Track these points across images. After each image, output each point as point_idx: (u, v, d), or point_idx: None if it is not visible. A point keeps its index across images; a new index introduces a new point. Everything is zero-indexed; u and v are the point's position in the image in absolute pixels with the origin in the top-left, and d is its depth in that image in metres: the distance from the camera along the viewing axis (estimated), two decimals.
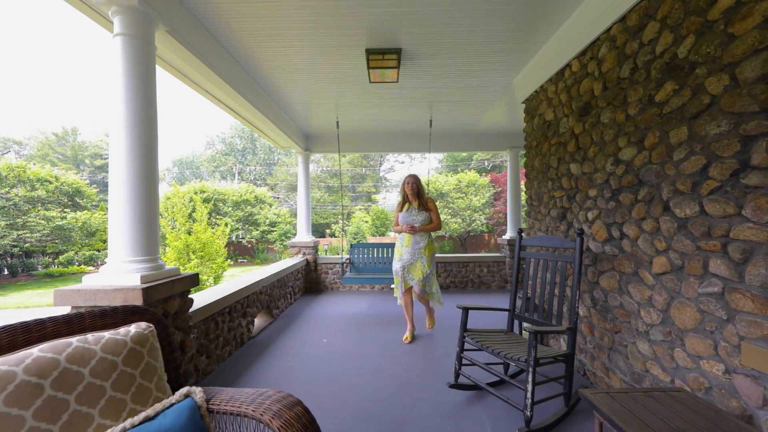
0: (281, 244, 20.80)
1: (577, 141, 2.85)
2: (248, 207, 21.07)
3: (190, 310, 2.44)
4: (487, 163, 25.63)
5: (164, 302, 2.12)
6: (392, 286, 3.89)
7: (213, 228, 9.95)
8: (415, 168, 32.05)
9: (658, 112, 2.00)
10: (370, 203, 27.39)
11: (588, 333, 2.74)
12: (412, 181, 3.73)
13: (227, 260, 9.44)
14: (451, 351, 3.33)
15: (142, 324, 1.33)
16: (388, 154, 28.41)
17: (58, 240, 16.82)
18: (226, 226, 11.09)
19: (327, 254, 13.75)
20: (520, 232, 2.94)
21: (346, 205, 26.82)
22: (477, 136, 6.59)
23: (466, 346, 2.66)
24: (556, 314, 2.56)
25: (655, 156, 2.03)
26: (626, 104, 2.26)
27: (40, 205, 16.27)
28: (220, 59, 3.15)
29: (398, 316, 4.54)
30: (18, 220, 15.28)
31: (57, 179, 17.19)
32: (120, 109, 2.06)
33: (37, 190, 16.04)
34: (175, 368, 1.44)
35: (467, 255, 6.71)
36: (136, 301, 1.85)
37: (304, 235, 6.44)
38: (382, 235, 19.69)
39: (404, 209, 3.75)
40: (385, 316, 4.65)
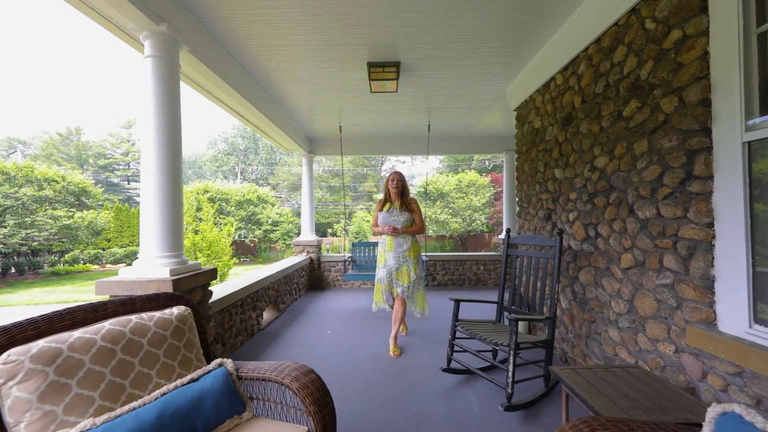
0: (284, 243, 21.10)
1: (560, 148, 3.12)
2: (251, 206, 21.35)
3: (209, 301, 2.72)
4: (487, 163, 25.86)
5: (189, 293, 2.39)
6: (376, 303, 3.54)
7: (219, 227, 10.23)
8: (417, 167, 32.30)
9: (625, 126, 2.27)
10: (371, 203, 27.65)
11: (569, 323, 3.01)
12: (397, 178, 3.45)
13: (232, 258, 9.73)
14: (444, 341, 3.60)
15: (181, 307, 1.61)
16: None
17: (65, 239, 17.12)
18: (231, 225, 11.36)
19: (329, 253, 14.04)
20: (508, 232, 3.21)
21: (347, 205, 27.08)
22: (474, 140, 6.86)
23: (458, 334, 2.94)
24: (539, 306, 2.83)
25: (623, 164, 2.29)
26: (600, 117, 2.53)
27: (47, 204, 16.58)
28: (233, 72, 3.42)
29: None
30: (26, 219, 15.58)
31: (63, 179, 17.47)
32: (150, 123, 2.34)
33: (44, 189, 16.33)
34: (205, 345, 1.71)
35: (464, 254, 6.98)
36: (167, 291, 2.12)
37: (308, 234, 6.72)
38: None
39: (385, 209, 3.48)
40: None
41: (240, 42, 3.13)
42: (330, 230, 24.41)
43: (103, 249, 21.88)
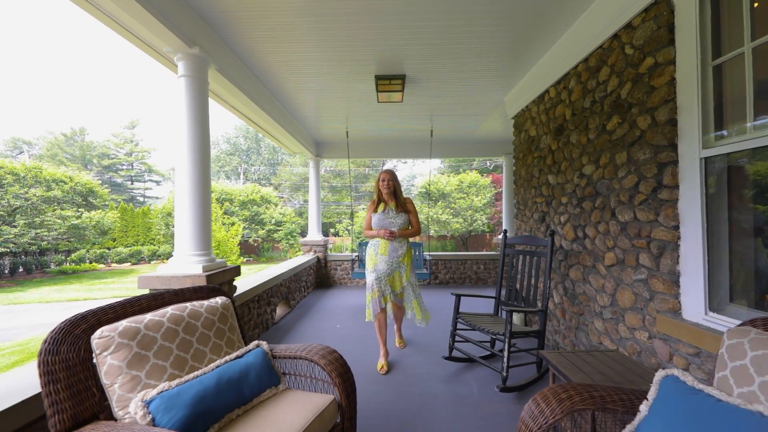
0: (287, 243, 21.38)
1: (553, 156, 3.39)
2: (254, 207, 21.61)
3: (234, 295, 3.00)
4: (489, 164, 26.11)
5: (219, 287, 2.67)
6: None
7: (226, 228, 10.52)
8: (418, 168, 32.52)
9: (608, 139, 2.54)
10: None
11: (561, 316, 3.28)
12: (388, 178, 3.23)
13: (240, 257, 10.02)
14: (446, 333, 3.88)
15: (223, 297, 1.89)
16: None
17: (74, 238, 17.42)
18: (239, 226, 11.65)
19: (332, 252, 14.32)
20: (505, 233, 3.48)
21: (349, 205, 27.36)
22: (475, 144, 7.13)
23: (459, 326, 3.21)
24: (533, 300, 3.10)
25: (606, 173, 2.56)
26: (588, 129, 2.80)
27: (56, 204, 16.89)
28: (250, 84, 3.70)
29: None
30: (36, 219, 15.89)
31: (71, 179, 17.78)
32: (184, 137, 2.62)
33: (53, 190, 16.64)
34: (242, 329, 1.99)
35: (465, 253, 7.26)
36: (203, 285, 2.40)
37: (315, 235, 7.00)
38: None
39: (379, 210, 3.27)
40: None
41: (257, 58, 3.40)
42: (332, 230, 24.68)
43: (108, 248, 22.21)
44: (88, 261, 20.70)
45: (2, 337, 8.32)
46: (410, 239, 3.40)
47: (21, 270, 18.48)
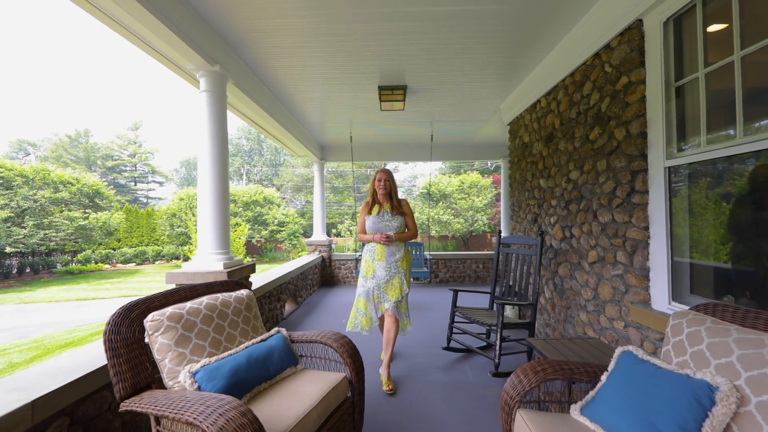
0: (290, 243, 21.67)
1: (544, 161, 3.65)
2: (257, 207, 21.88)
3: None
4: (490, 164, 26.35)
5: None
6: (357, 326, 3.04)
7: (233, 228, 10.80)
8: (420, 168, 32.68)
9: (591, 147, 2.80)
10: None
11: (551, 310, 3.54)
12: (385, 177, 3.06)
13: (245, 257, 10.30)
14: (445, 327, 4.13)
15: (246, 290, 2.15)
16: None
17: (81, 239, 17.72)
18: (245, 227, 11.93)
19: (334, 252, 14.60)
20: (500, 233, 3.74)
21: (351, 205, 27.63)
22: (474, 147, 7.39)
23: (458, 320, 3.47)
24: (525, 295, 3.36)
25: (589, 178, 2.82)
26: (574, 138, 3.06)
27: (63, 205, 17.20)
28: (262, 95, 3.96)
29: None
30: (44, 220, 16.20)
31: (78, 181, 18.09)
32: (206, 146, 2.89)
33: (60, 191, 16.95)
34: (261, 318, 2.25)
35: (465, 252, 7.51)
36: (226, 280, 2.66)
37: (320, 235, 7.27)
38: None
39: (373, 212, 3.09)
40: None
41: (269, 71, 3.67)
42: (334, 231, 24.96)
43: (113, 249, 22.52)
44: (93, 261, 21.02)
45: (17, 335, 8.61)
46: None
47: (28, 270, 18.82)
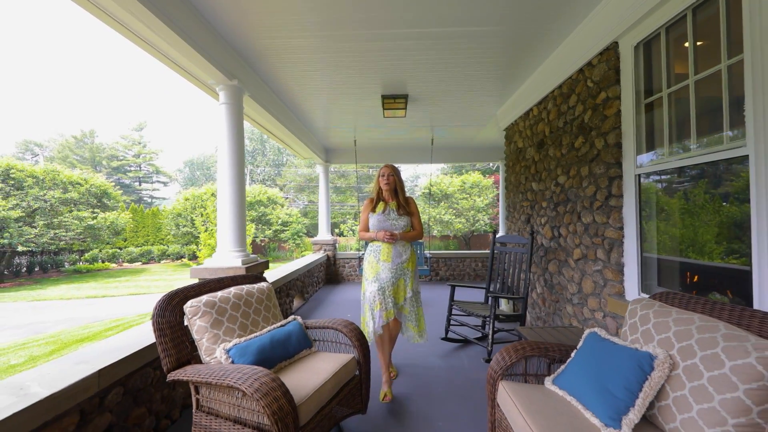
0: (293, 243, 21.98)
1: (536, 166, 3.91)
2: (261, 207, 22.18)
3: None
4: (492, 164, 26.57)
5: None
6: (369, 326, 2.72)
7: None
8: (422, 168, 32.84)
9: (576, 155, 3.07)
10: None
11: (542, 305, 3.81)
12: (389, 173, 2.87)
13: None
14: (444, 320, 4.41)
15: (266, 282, 2.44)
16: None
17: (89, 238, 18.06)
18: (252, 227, 12.24)
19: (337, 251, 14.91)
20: (494, 233, 4.01)
21: (354, 205, 27.92)
22: (473, 150, 7.66)
23: (456, 313, 3.74)
24: (516, 290, 3.63)
25: (574, 183, 3.09)
26: (561, 145, 3.33)
27: (72, 205, 17.56)
28: (273, 104, 4.25)
29: None
30: (54, 220, 16.56)
31: (86, 182, 18.43)
32: (225, 153, 3.17)
33: (69, 192, 17.31)
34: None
35: (464, 251, 7.78)
36: (245, 274, 2.95)
37: (325, 234, 7.56)
38: None
39: (378, 210, 2.89)
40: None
41: (280, 82, 3.96)
42: (337, 230, 25.26)
43: (119, 248, 22.91)
44: (100, 260, 21.43)
45: (33, 330, 8.97)
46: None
47: (37, 269, 19.23)
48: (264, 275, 3.48)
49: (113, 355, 1.85)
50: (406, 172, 33.75)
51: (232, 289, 2.13)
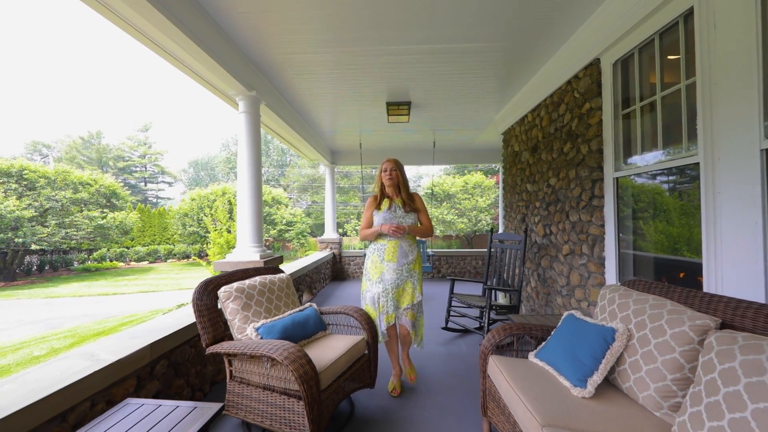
0: (297, 242, 22.32)
1: (530, 168, 4.20)
2: (266, 207, 22.51)
3: None
4: (494, 165, 26.82)
5: None
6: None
7: None
8: (425, 168, 33.15)
9: (565, 159, 3.35)
10: None
11: (536, 298, 4.10)
12: (391, 167, 2.73)
13: None
14: (444, 311, 4.71)
15: (285, 274, 2.74)
16: None
17: (99, 237, 18.47)
18: None
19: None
20: (491, 231, 4.31)
21: (356, 205, 28.24)
22: (473, 152, 7.95)
23: (456, 305, 4.03)
24: (511, 283, 3.92)
25: (563, 185, 3.38)
26: (552, 150, 3.61)
27: (82, 205, 17.98)
28: (286, 111, 4.56)
29: None
30: (65, 220, 16.98)
31: (96, 182, 18.85)
32: (244, 158, 3.48)
33: (80, 192, 17.73)
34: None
35: (465, 250, 8.07)
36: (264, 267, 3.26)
37: (331, 233, 7.88)
38: None
39: (383, 207, 2.74)
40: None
41: (291, 91, 4.27)
42: (340, 230, 25.59)
43: (127, 248, 23.33)
44: (108, 259, 21.86)
45: (50, 325, 9.34)
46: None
47: (47, 268, 19.68)
48: (281, 268, 3.80)
49: (159, 333, 2.16)
50: (409, 172, 33.78)
51: (257, 278, 2.44)
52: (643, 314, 1.65)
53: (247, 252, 3.42)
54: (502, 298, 4.78)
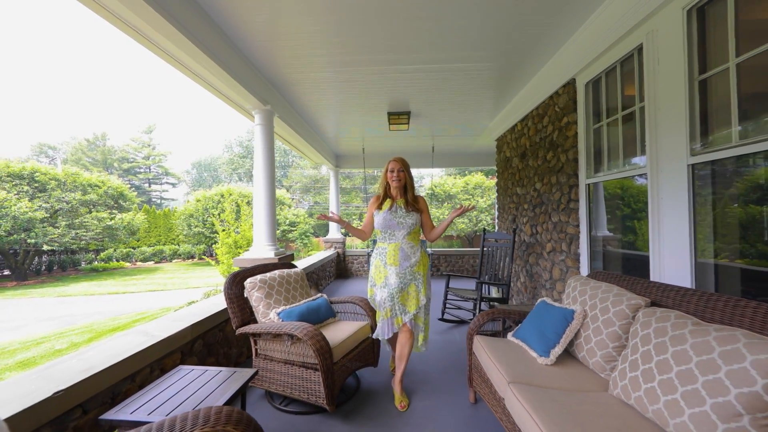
0: (301, 243, 22.73)
1: (519, 173, 4.58)
2: None
3: None
4: (493, 167, 27.13)
5: None
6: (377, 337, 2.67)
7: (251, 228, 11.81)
8: (426, 169, 33.56)
9: (548, 166, 3.73)
10: None
11: (525, 292, 4.47)
12: (398, 168, 2.70)
13: None
14: (441, 304, 5.09)
15: (299, 269, 3.13)
16: None
17: (107, 238, 18.91)
18: None
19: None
20: (484, 231, 4.69)
21: (358, 206, 28.64)
22: (471, 155, 8.33)
23: (452, 299, 4.42)
24: (501, 278, 4.31)
25: (547, 189, 3.76)
26: (538, 157, 3.99)
27: (91, 207, 18.42)
28: (295, 120, 4.96)
29: None
30: (75, 221, 17.42)
31: (104, 183, 19.28)
32: (259, 165, 3.87)
33: (89, 193, 18.16)
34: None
35: (463, 249, 8.45)
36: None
37: (335, 233, 8.28)
38: None
39: (385, 207, 2.73)
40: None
41: (300, 102, 4.66)
42: (342, 231, 25.92)
43: (133, 248, 23.79)
44: (115, 260, 22.32)
45: (66, 322, 9.76)
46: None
47: (56, 268, 20.14)
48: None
49: (196, 317, 2.55)
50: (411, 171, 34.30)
51: (276, 272, 2.84)
52: (595, 298, 2.03)
53: (263, 250, 3.81)
54: (495, 293, 5.16)
